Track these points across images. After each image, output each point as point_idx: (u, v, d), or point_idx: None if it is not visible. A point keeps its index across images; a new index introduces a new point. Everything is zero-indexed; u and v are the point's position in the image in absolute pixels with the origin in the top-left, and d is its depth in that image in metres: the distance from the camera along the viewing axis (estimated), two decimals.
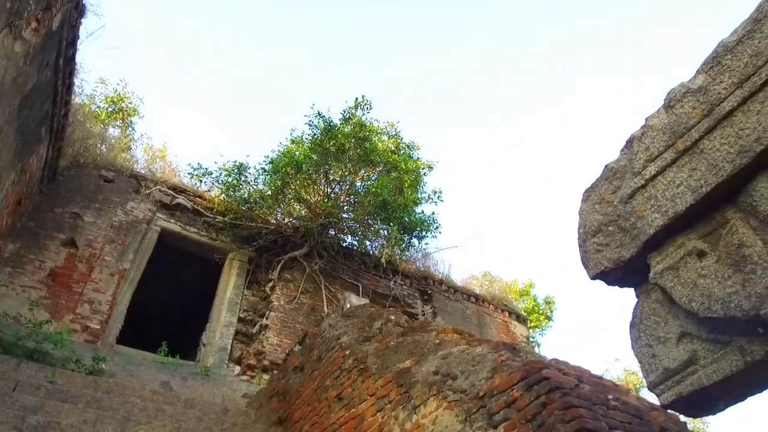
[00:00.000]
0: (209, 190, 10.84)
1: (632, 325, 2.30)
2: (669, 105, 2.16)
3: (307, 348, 6.85)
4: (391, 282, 11.29)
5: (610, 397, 3.15)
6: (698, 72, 2.11)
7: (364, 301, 10.16)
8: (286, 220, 10.65)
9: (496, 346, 3.99)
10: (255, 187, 10.38)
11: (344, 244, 11.25)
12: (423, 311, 11.18)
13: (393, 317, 5.93)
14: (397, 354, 5.08)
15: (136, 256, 9.73)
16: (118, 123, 12.29)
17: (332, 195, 10.62)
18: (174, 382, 7.92)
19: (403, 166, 10.97)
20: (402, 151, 11.62)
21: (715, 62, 2.04)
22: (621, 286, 2.44)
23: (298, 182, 10.13)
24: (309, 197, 10.35)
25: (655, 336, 2.18)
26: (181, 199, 10.42)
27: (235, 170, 10.25)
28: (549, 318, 15.44)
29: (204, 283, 10.85)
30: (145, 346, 9.20)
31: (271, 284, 10.09)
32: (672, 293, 2.08)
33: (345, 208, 10.89)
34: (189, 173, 10.64)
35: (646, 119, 2.26)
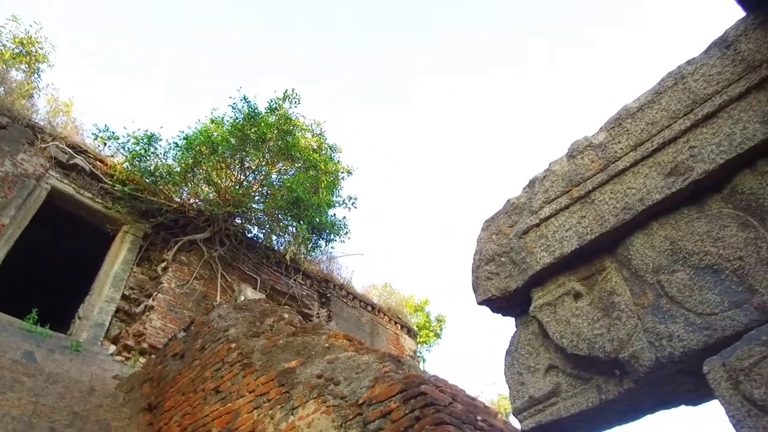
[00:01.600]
0: (113, 156, 10.18)
1: (508, 353, 2.44)
2: (571, 154, 2.33)
3: (192, 336, 6.60)
4: (292, 280, 11.16)
5: (480, 418, 3.30)
6: (601, 129, 2.30)
7: (260, 295, 9.96)
8: (192, 201, 10.23)
9: (382, 356, 4.06)
10: (164, 161, 9.89)
11: (249, 235, 10.98)
12: (318, 314, 11.14)
13: (286, 316, 5.86)
14: (284, 353, 5.03)
15: (18, 212, 8.92)
16: (23, 67, 11.24)
17: (245, 183, 10.35)
18: (39, 354, 7.32)
19: (323, 167, 10.92)
20: (324, 152, 11.57)
21: (616, 123, 2.23)
22: (504, 315, 2.58)
23: (210, 164, 9.78)
24: (220, 181, 10.01)
25: (527, 365, 2.33)
26: (79, 160, 9.70)
27: (145, 139, 9.71)
28: (438, 336, 15.93)
29: (91, 253, 10.15)
30: (14, 311, 8.43)
31: (163, 264, 9.63)
32: (547, 327, 2.23)
33: (256, 198, 10.65)
34: (93, 134, 9.93)
35: (550, 164, 2.42)
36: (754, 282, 1.72)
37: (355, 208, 11.50)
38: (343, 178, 11.64)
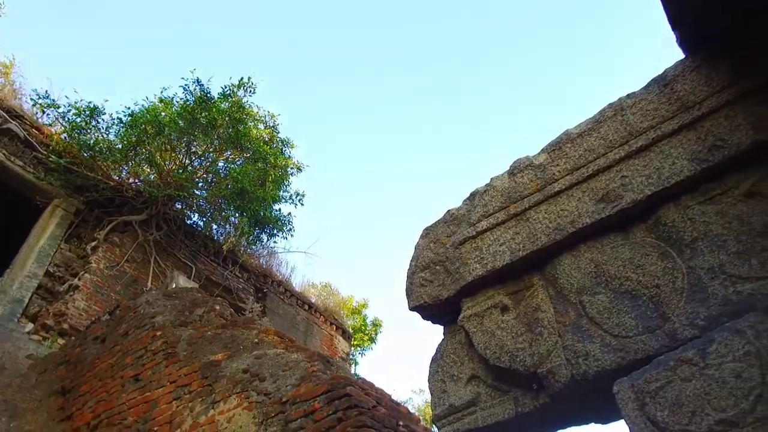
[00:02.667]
0: (51, 125, 9.66)
1: (433, 360, 2.47)
2: (512, 172, 2.39)
3: (116, 320, 6.33)
4: (228, 272, 10.91)
5: (402, 423, 3.32)
6: (542, 151, 2.37)
7: (193, 284, 9.69)
8: (131, 181, 9.83)
9: (311, 355, 4.03)
10: (105, 136, 9.46)
11: (188, 222, 10.65)
12: (252, 308, 10.93)
13: (218, 307, 5.72)
14: (212, 345, 4.90)
15: None
16: None
17: (189, 168, 10.04)
18: None
19: (272, 160, 10.73)
20: (275, 145, 11.38)
21: (557, 147, 2.30)
22: (434, 322, 2.61)
23: (155, 144, 9.43)
24: (163, 163, 9.67)
25: (450, 373, 2.36)
26: (13, 125, 9.14)
27: (87, 111, 9.25)
28: (372, 340, 15.96)
29: (17, 224, 9.58)
30: None
31: (94, 244, 9.20)
32: (473, 338, 2.27)
33: (200, 185, 10.34)
34: (32, 100, 9.39)
35: (491, 179, 2.48)
36: (667, 310, 1.81)
37: (302, 205, 11.37)
38: (292, 174, 11.49)
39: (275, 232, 11.15)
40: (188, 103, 9.80)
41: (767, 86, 1.77)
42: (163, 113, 9.63)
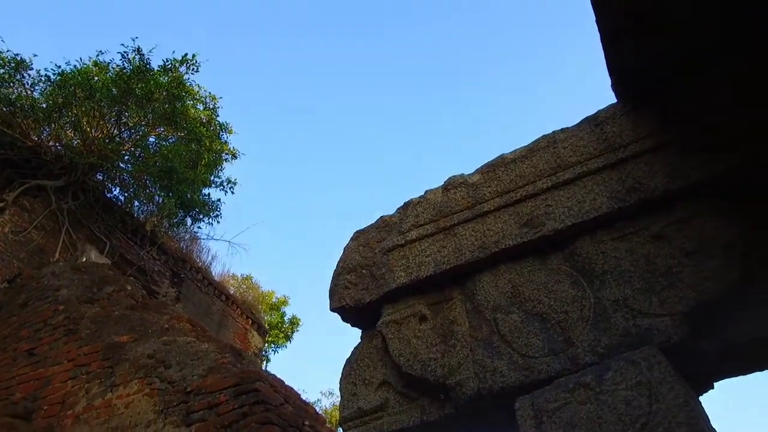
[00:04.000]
0: None
1: (348, 362, 2.48)
2: (446, 187, 2.46)
3: (16, 289, 5.91)
4: (145, 252, 10.44)
5: (308, 423, 3.31)
6: (477, 171, 2.45)
7: (105, 261, 9.20)
8: (52, 144, 9.22)
9: (223, 347, 3.93)
10: (30, 93, 8.84)
11: (109, 195, 10.12)
12: (167, 293, 10.52)
13: (129, 287, 5.47)
14: (118, 326, 4.68)
15: None
16: None
17: (117, 139, 9.56)
18: None
19: (207, 143, 10.41)
20: (212, 128, 11.05)
21: (491, 169, 2.39)
22: (353, 325, 2.63)
23: (83, 109, 8.90)
24: (89, 129, 9.14)
25: (362, 377, 2.38)
26: None
27: (12, 63, 8.61)
28: (288, 338, 15.75)
29: None
30: None
31: (1, 205, 8.55)
32: (389, 344, 2.30)
33: (126, 158, 9.86)
34: None
35: (426, 192, 2.53)
36: (572, 335, 1.92)
37: (232, 193, 11.10)
38: (226, 160, 11.20)
39: (201, 217, 10.82)
40: (125, 71, 9.34)
41: (683, 139, 1.93)
42: (96, 77, 9.13)
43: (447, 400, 2.14)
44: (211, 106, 11.13)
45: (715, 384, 1.98)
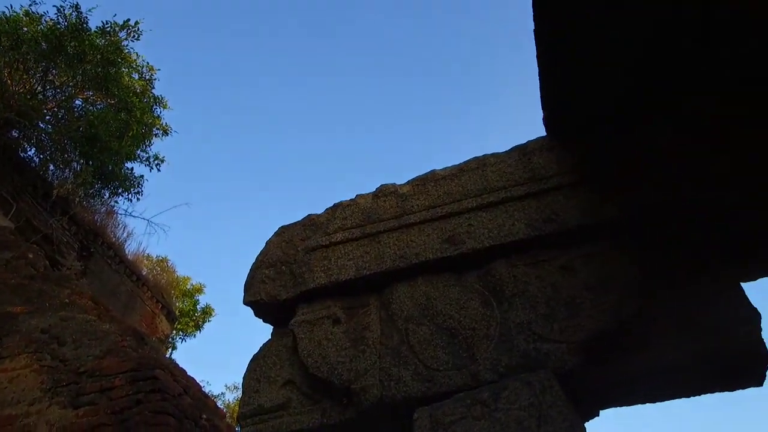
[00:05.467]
0: None
1: (254, 358, 2.44)
2: (377, 195, 2.48)
3: None
4: (54, 220, 9.80)
5: (205, 416, 3.22)
6: (408, 182, 2.49)
7: (8, 224, 8.55)
8: None
9: (125, 329, 3.75)
10: None
11: (22, 155, 9.43)
12: (72, 266, 9.90)
13: (31, 256, 5.11)
14: (13, 295, 4.36)
15: None
16: None
17: (41, 96, 8.94)
18: None
19: (138, 115, 9.93)
20: (146, 100, 10.57)
21: (422, 182, 2.43)
22: (265, 321, 2.59)
23: (6, 59, 8.27)
24: (10, 82, 8.50)
25: (267, 374, 2.35)
26: None
27: None
28: (199, 327, 15.21)
29: None
30: None
31: None
32: (299, 343, 2.28)
33: (48, 118, 9.24)
34: None
35: (357, 196, 2.54)
36: (477, 352, 1.99)
37: (158, 170, 10.65)
38: (156, 135, 10.73)
39: (121, 191, 10.30)
40: (59, 26, 8.77)
41: (601, 178, 2.05)
42: (25, 28, 8.52)
43: (350, 404, 2.15)
44: (147, 77, 10.65)
45: (600, 412, 2.11)
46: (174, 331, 14.28)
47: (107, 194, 10.21)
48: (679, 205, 1.95)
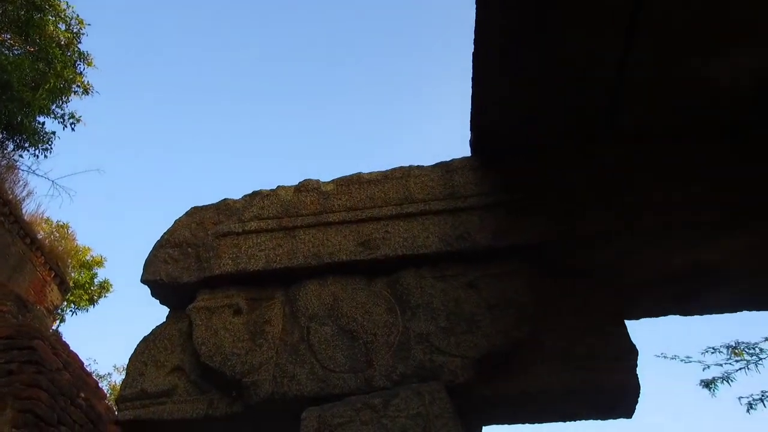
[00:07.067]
0: None
1: (145, 339, 2.32)
2: (299, 189, 2.44)
3: None
4: None
5: (83, 395, 3.02)
6: (333, 181, 2.47)
7: None
8: None
9: (7, 293, 3.47)
10: None
11: None
12: None
13: None
14: None
15: None
16: None
17: None
18: None
19: (58, 68, 9.27)
20: (70, 53, 9.88)
21: (346, 183, 2.42)
22: (162, 302, 2.47)
23: None
24: None
25: (156, 358, 2.24)
26: None
27: None
28: (93, 302, 14.32)
29: None
30: None
31: None
32: (195, 330, 2.20)
33: None
34: None
35: (278, 186, 2.49)
36: (374, 358, 2.00)
37: (73, 130, 9.98)
38: (76, 92, 10.05)
39: (27, 145, 9.56)
40: None
41: (512, 203, 2.14)
42: None
43: (239, 398, 2.09)
44: (75, 30, 9.97)
45: (484, 428, 2.19)
46: (65, 303, 13.38)
47: (11, 146, 9.44)
48: (576, 238, 2.07)
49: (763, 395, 5.66)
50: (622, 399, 1.99)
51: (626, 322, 2.10)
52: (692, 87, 2.01)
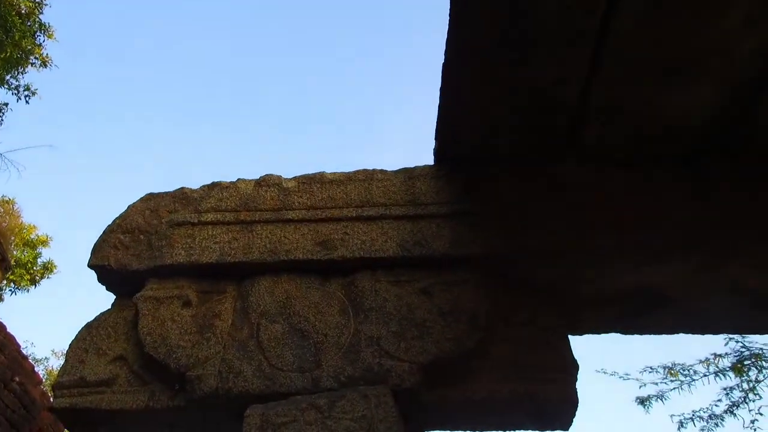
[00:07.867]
0: None
1: (88, 326, 2.25)
2: (260, 183, 2.42)
3: None
4: None
5: (17, 379, 2.90)
6: (295, 178, 2.45)
7: None
8: None
9: None
10: None
11: None
12: None
13: None
14: None
15: None
16: None
17: None
18: None
19: (16, 37, 8.88)
20: (30, 23, 9.49)
21: (309, 181, 2.41)
22: (108, 289, 2.40)
23: None
24: None
25: (98, 346, 2.18)
26: None
27: None
28: (35, 283, 13.73)
29: None
30: None
31: None
32: (141, 319, 2.14)
33: None
34: None
35: (238, 179, 2.46)
36: (323, 358, 1.99)
37: (27, 103, 9.57)
38: (33, 64, 9.65)
39: None
40: None
41: (474, 215, 2.17)
42: None
43: (182, 391, 2.05)
44: (38, 1, 9.58)
45: None
46: (5, 281, 12.80)
47: None
48: (528, 253, 2.12)
49: (693, 414, 5.94)
50: (562, 411, 2.05)
51: (570, 337, 2.17)
52: (650, 115, 2.09)
